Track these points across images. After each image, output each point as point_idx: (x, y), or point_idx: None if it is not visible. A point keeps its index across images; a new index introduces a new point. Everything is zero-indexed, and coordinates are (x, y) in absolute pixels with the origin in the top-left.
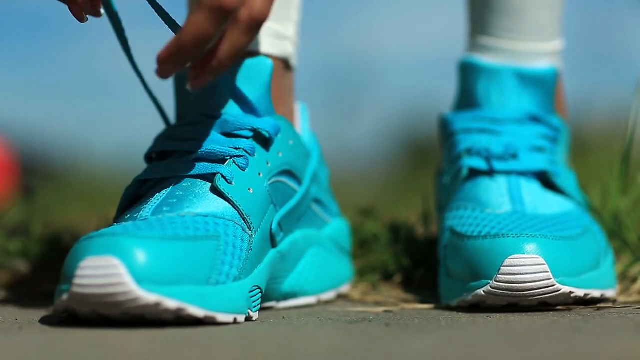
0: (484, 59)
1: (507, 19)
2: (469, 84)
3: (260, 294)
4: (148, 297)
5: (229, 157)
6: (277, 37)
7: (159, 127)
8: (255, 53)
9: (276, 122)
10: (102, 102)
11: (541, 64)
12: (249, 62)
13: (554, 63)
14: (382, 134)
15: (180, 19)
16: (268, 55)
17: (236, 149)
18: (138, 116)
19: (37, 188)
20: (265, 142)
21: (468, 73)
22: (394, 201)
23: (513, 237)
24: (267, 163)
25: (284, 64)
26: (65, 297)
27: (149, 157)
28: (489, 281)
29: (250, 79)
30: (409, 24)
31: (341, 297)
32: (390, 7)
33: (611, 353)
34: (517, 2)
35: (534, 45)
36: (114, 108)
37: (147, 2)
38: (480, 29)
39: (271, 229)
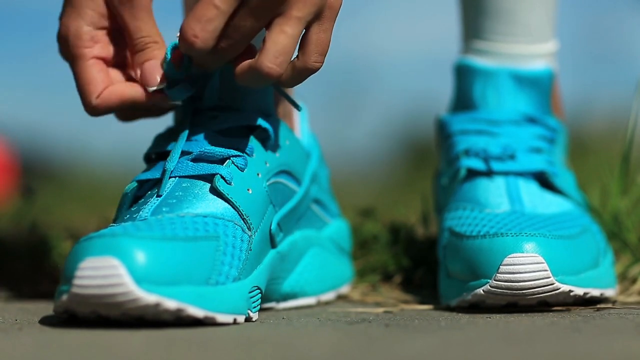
0: (480, 61)
1: (499, 22)
2: (465, 86)
3: (260, 295)
4: (148, 297)
5: (227, 158)
6: None
7: (159, 127)
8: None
9: (273, 122)
10: None
11: (536, 65)
12: None
13: (549, 64)
14: (382, 134)
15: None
16: None
17: (235, 149)
18: None
19: (37, 188)
20: (263, 142)
21: (464, 75)
22: (394, 201)
23: (512, 236)
24: (266, 163)
25: None
26: (65, 297)
27: (148, 157)
28: (489, 280)
29: None
30: (409, 24)
31: (341, 297)
32: (390, 7)
33: (611, 353)
34: (509, 5)
35: (527, 48)
36: None
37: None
38: (473, 33)
39: (270, 229)
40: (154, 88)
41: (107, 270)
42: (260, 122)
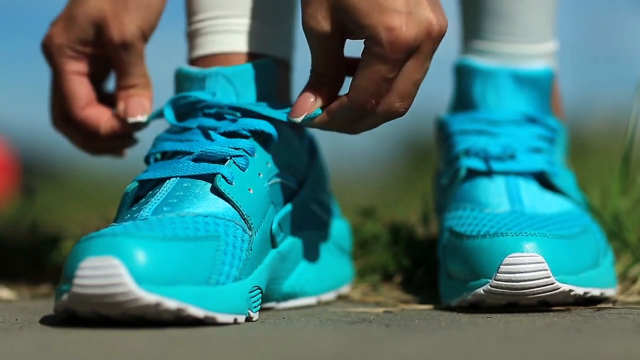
0: (479, 61)
1: (499, 22)
2: (465, 86)
3: (260, 295)
4: (148, 297)
5: (229, 157)
6: (276, 38)
7: (159, 127)
8: (258, 55)
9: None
10: None
11: (536, 65)
12: (254, 65)
13: (549, 64)
14: (382, 134)
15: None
16: (268, 57)
17: (236, 149)
18: None
19: (38, 188)
20: (264, 142)
21: (464, 75)
22: (394, 201)
23: (512, 235)
24: (267, 163)
25: (284, 65)
26: (65, 297)
27: (148, 158)
28: (489, 280)
29: (257, 81)
30: None
31: (341, 297)
32: None
33: (611, 353)
34: (508, 5)
35: (527, 48)
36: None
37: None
38: (473, 33)
39: (271, 229)
40: (134, 120)
41: (107, 270)
42: (261, 122)
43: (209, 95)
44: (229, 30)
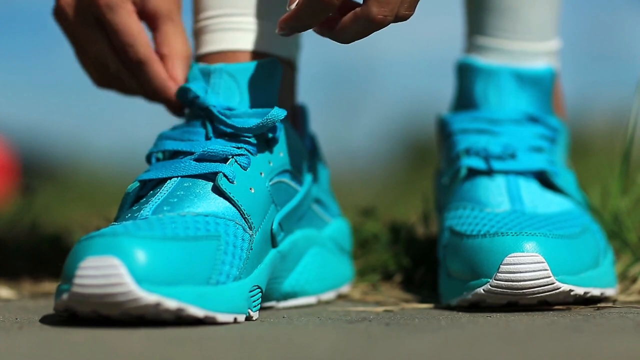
0: (482, 60)
1: (503, 19)
2: (467, 85)
3: (260, 294)
4: (148, 297)
5: (230, 157)
6: (282, 38)
7: (160, 127)
8: (264, 54)
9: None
10: (102, 101)
11: (538, 64)
12: (260, 64)
13: (551, 63)
14: (382, 134)
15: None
16: (274, 56)
17: (238, 148)
18: (138, 116)
19: (37, 188)
20: (266, 141)
21: (466, 74)
22: (394, 201)
23: (512, 235)
24: (269, 162)
25: (288, 65)
26: (65, 296)
27: (150, 157)
28: (489, 280)
29: (261, 80)
30: (410, 24)
31: (341, 297)
32: None
33: (611, 353)
34: (512, 2)
35: (530, 45)
36: (114, 107)
37: None
38: (477, 29)
39: (272, 228)
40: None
41: (107, 269)
42: (263, 122)
43: (202, 92)
44: (236, 28)
